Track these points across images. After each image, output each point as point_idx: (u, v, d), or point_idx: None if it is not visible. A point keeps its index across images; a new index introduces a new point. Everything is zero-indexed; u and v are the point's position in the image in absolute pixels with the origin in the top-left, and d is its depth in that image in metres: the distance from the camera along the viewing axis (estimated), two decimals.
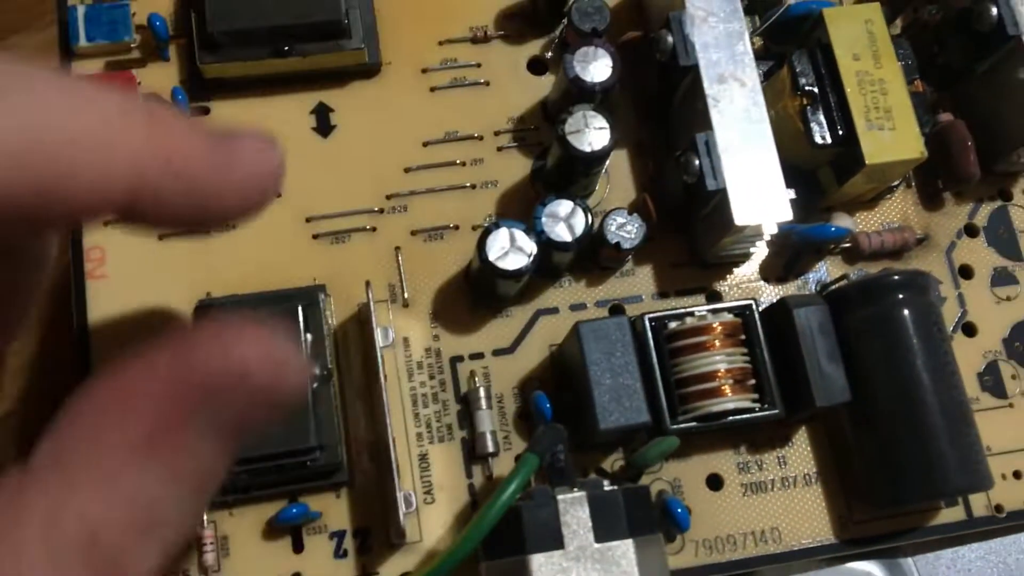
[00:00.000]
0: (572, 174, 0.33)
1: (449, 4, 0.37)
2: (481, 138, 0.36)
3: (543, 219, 0.32)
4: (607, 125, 0.32)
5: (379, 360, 0.31)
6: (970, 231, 0.37)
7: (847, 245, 0.36)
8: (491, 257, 0.31)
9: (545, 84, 0.37)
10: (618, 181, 0.36)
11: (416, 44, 0.36)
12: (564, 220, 0.32)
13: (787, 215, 0.32)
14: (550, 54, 0.37)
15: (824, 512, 0.33)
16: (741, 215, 0.31)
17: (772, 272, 0.36)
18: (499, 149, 0.36)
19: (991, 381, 0.35)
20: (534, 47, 0.37)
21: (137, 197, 0.20)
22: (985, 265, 0.36)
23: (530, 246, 0.31)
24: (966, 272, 0.36)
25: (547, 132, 0.36)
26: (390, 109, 0.36)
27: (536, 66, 0.37)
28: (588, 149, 0.32)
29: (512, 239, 0.31)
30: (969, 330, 0.36)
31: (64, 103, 0.19)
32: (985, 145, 0.36)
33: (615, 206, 0.35)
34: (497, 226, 0.31)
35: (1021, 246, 0.37)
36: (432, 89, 0.36)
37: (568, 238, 0.32)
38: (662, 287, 0.35)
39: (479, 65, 0.37)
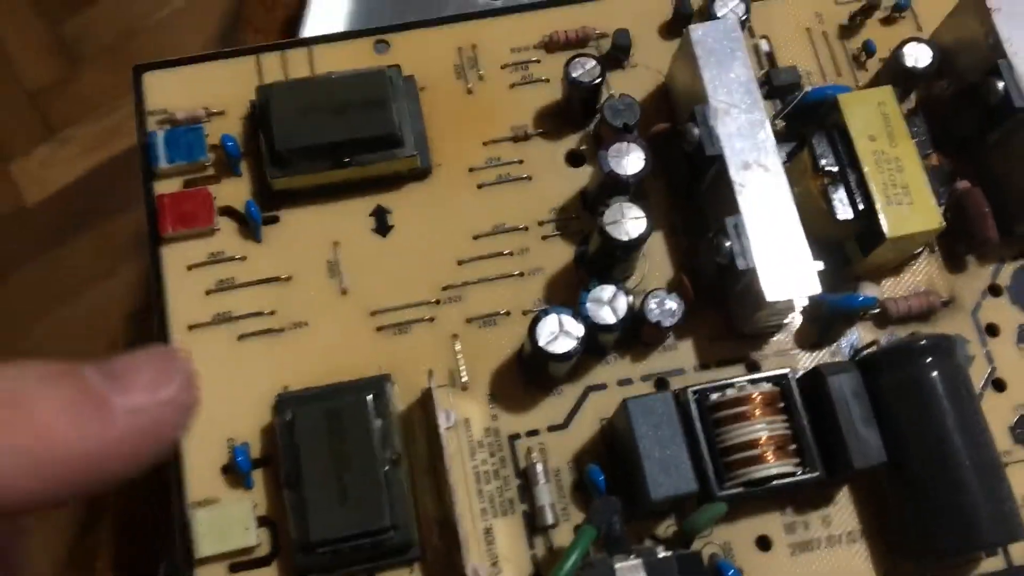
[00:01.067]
0: (612, 259, 0.36)
1: (490, 108, 0.40)
2: (527, 229, 0.39)
3: (588, 304, 0.35)
4: (643, 215, 0.35)
5: (443, 442, 0.34)
6: (994, 291, 0.39)
7: (876, 311, 0.38)
8: (542, 342, 0.34)
9: (583, 175, 0.40)
10: (656, 262, 0.39)
11: (463, 146, 0.40)
12: (607, 303, 0.35)
13: (815, 289, 0.34)
14: (585, 147, 0.40)
15: (870, 568, 0.35)
16: (772, 291, 0.34)
17: (807, 339, 0.38)
18: (543, 238, 0.39)
19: (1023, 433, 0.37)
20: (571, 142, 0.40)
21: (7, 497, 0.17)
22: (1011, 323, 0.38)
23: (577, 330, 0.34)
24: (992, 330, 0.38)
25: (587, 220, 0.39)
26: (442, 207, 0.39)
27: (574, 159, 0.40)
28: (626, 238, 0.35)
29: (560, 324, 0.34)
30: (999, 385, 0.38)
31: None
32: (1003, 208, 0.38)
33: (654, 286, 0.38)
34: (546, 313, 0.34)
35: None
36: (479, 186, 0.39)
37: (612, 320, 0.35)
38: (703, 359, 0.37)
39: (521, 161, 0.40)
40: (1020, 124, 0.37)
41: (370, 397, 0.34)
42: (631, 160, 0.36)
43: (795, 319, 0.38)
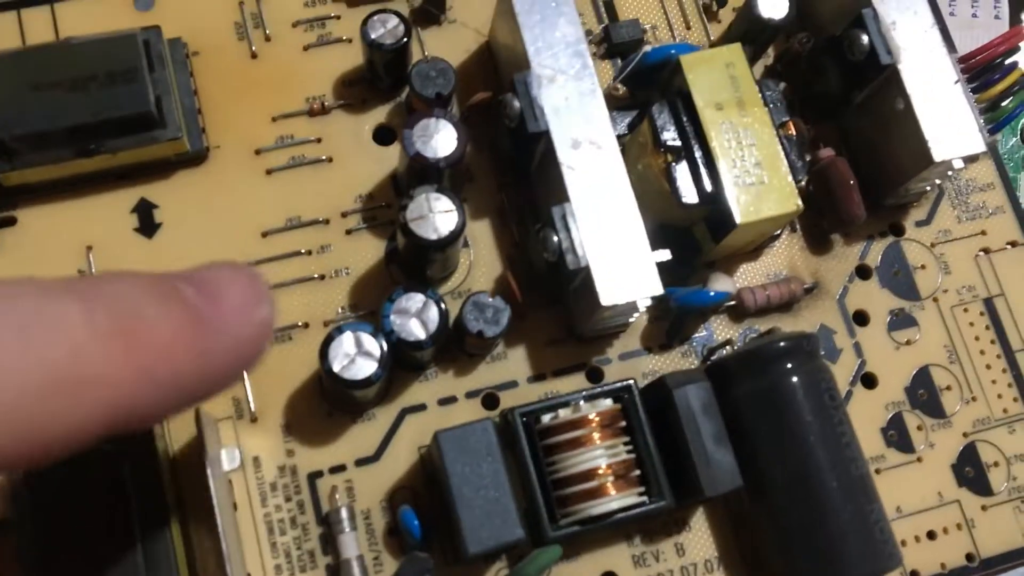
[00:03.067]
0: (425, 259, 0.30)
1: (280, 75, 0.34)
2: (327, 222, 0.33)
3: (392, 317, 0.29)
4: (453, 207, 0.29)
5: (213, 494, 0.27)
6: (862, 273, 0.35)
7: (732, 303, 0.33)
8: (336, 367, 0.28)
9: (394, 154, 0.33)
10: (482, 255, 0.33)
11: (247, 123, 0.33)
12: (416, 316, 0.29)
13: (657, 289, 0.29)
14: (396, 121, 0.34)
15: None
16: (608, 294, 0.29)
17: (655, 340, 0.33)
18: (348, 232, 0.33)
19: (896, 435, 0.33)
20: (379, 115, 0.34)
21: (124, 419, 0.18)
22: (881, 309, 0.34)
23: (378, 349, 0.28)
24: (861, 318, 0.34)
25: (399, 209, 0.33)
26: (222, 198, 0.32)
27: (383, 135, 0.34)
28: (435, 236, 0.29)
29: (358, 344, 0.28)
30: (869, 381, 0.33)
31: (16, 345, 0.16)
32: (872, 178, 0.34)
33: (480, 285, 0.32)
34: (339, 331, 0.28)
35: (917, 285, 0.35)
36: (268, 171, 0.33)
37: (422, 335, 0.29)
38: (538, 368, 0.32)
39: (319, 140, 0.33)
40: (887, 83, 0.32)
41: (127, 444, 0.27)
42: (442, 140, 0.30)
43: (641, 317, 0.33)
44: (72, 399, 0.17)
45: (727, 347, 0.33)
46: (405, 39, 0.32)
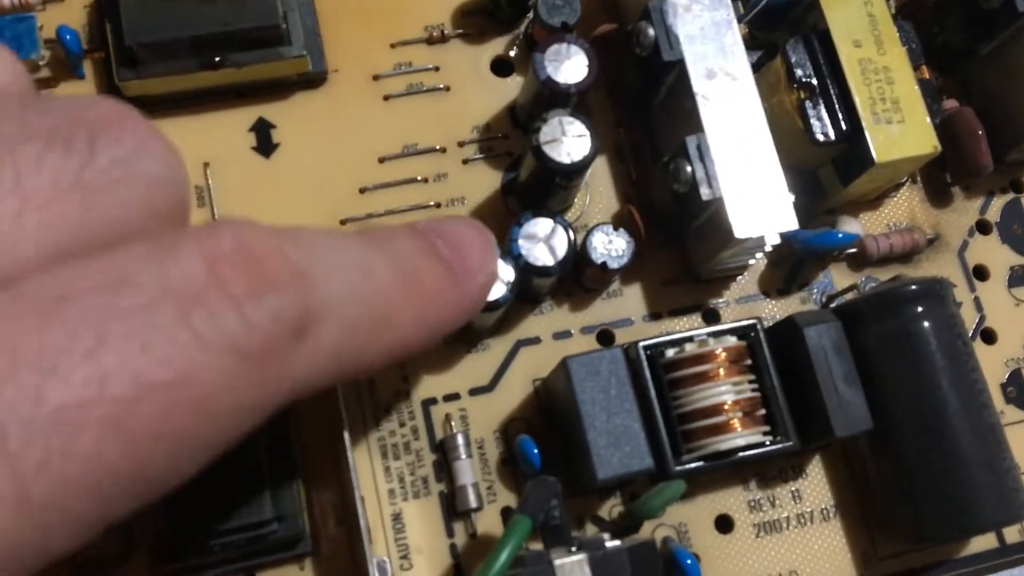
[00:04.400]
0: (549, 187, 0.30)
1: (399, 1, 0.33)
2: (444, 150, 0.32)
3: (520, 241, 0.28)
4: (587, 132, 0.28)
5: (342, 410, 0.27)
6: (982, 228, 0.34)
7: (853, 251, 0.32)
8: None
9: (512, 86, 0.33)
10: (599, 191, 0.32)
11: (365, 48, 0.32)
12: (544, 241, 0.28)
13: (792, 224, 0.28)
14: (515, 52, 0.33)
15: (846, 549, 0.30)
16: (741, 227, 0.28)
17: (772, 284, 0.32)
18: (464, 162, 0.32)
19: (1015, 392, 0.32)
20: (498, 46, 0.33)
21: (397, 359, 0.21)
22: (1001, 265, 0.33)
23: (508, 273, 0.28)
24: (981, 273, 0.33)
25: (517, 140, 0.32)
26: (340, 122, 0.32)
27: (501, 67, 0.33)
28: (568, 160, 0.28)
29: None
30: (988, 337, 0.33)
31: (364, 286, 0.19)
32: (994, 133, 0.33)
33: (597, 220, 0.32)
34: None
35: None
36: (386, 98, 0.32)
37: (550, 262, 0.28)
38: (653, 308, 0.31)
39: (437, 68, 0.33)
40: (1021, 32, 0.32)
41: None
42: (573, 66, 0.30)
43: (759, 261, 0.32)
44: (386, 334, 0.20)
45: (849, 294, 0.32)
46: None
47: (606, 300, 0.31)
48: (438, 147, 0.32)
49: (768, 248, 0.30)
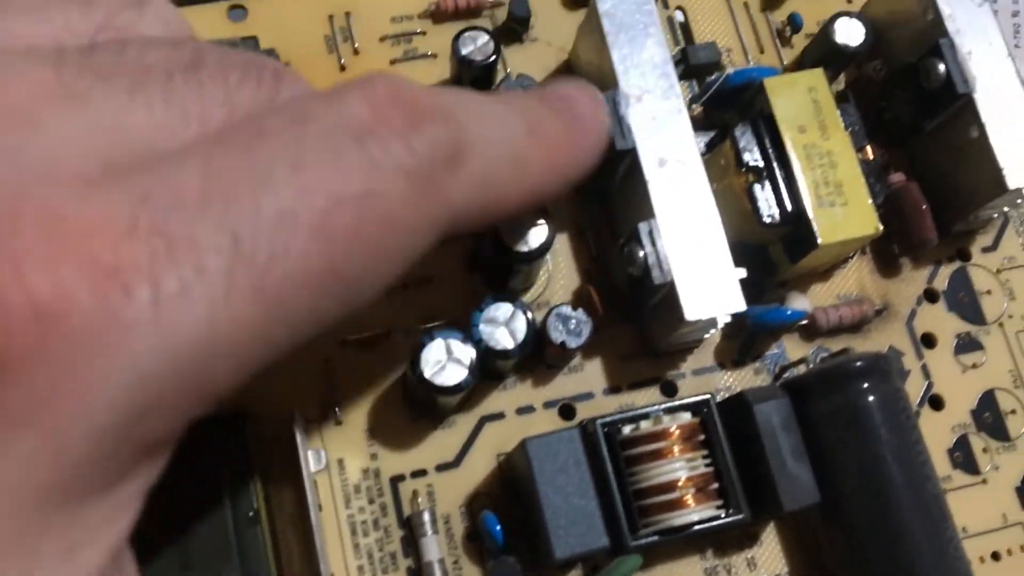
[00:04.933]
0: (510, 270, 0.31)
1: None
2: None
3: (481, 326, 0.30)
4: (544, 221, 0.30)
5: (308, 493, 0.28)
6: (930, 296, 0.35)
7: (805, 323, 0.34)
8: (427, 373, 0.29)
9: None
10: (561, 269, 0.34)
11: None
12: (504, 325, 0.30)
13: (740, 306, 0.30)
14: None
15: None
16: (691, 309, 0.29)
17: (728, 356, 0.34)
18: None
19: (962, 457, 0.33)
20: None
21: (536, 201, 0.26)
22: (948, 332, 0.35)
23: (469, 356, 0.29)
24: (929, 341, 0.35)
25: None
26: None
27: None
28: (525, 248, 0.30)
29: (448, 350, 0.29)
30: (936, 403, 0.34)
31: (502, 132, 0.23)
32: (941, 205, 0.35)
33: (558, 299, 0.33)
34: (431, 337, 0.29)
35: (983, 309, 0.35)
36: None
37: (510, 344, 0.30)
38: (613, 382, 0.33)
39: None
40: (963, 111, 0.33)
41: (220, 446, 0.28)
42: None
43: (715, 334, 0.33)
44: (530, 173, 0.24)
45: (800, 365, 0.33)
46: (494, 56, 0.33)
47: (567, 375, 0.33)
48: None
49: (721, 326, 0.31)
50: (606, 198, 0.34)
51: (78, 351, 0.15)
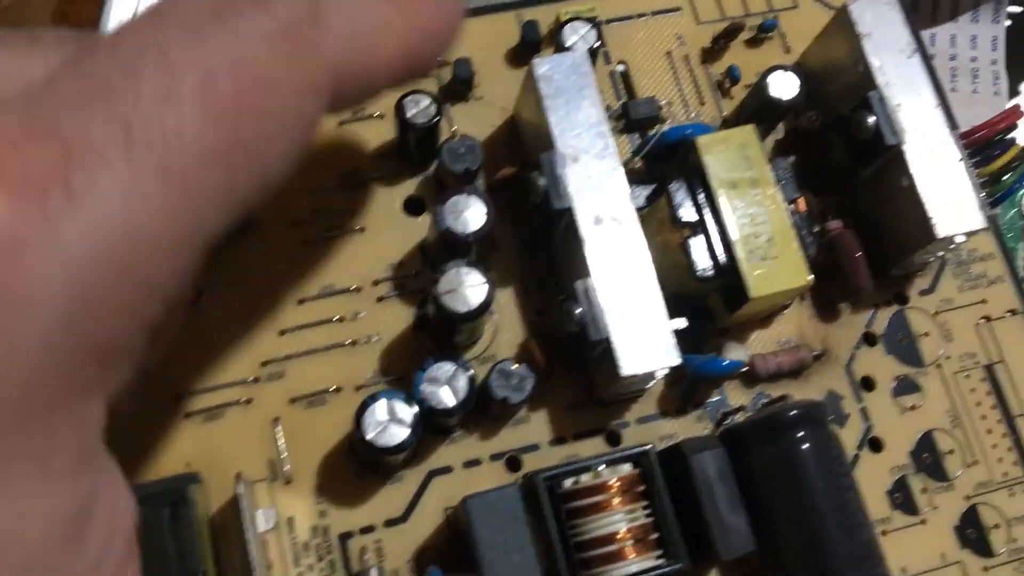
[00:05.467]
0: (453, 328, 0.32)
1: (317, 150, 0.35)
2: (359, 290, 0.34)
3: (423, 386, 0.30)
4: (483, 280, 0.31)
5: (250, 553, 0.29)
6: (869, 340, 0.36)
7: (745, 369, 0.35)
8: (369, 434, 0.29)
9: (423, 224, 0.35)
10: (506, 320, 0.35)
11: (284, 196, 0.35)
12: (446, 383, 0.30)
13: (674, 361, 0.30)
14: (426, 192, 0.36)
15: None
16: (628, 364, 0.30)
17: (671, 404, 0.34)
18: (379, 300, 0.34)
19: (901, 498, 0.34)
20: (410, 187, 0.36)
21: (408, 71, 0.25)
22: (887, 375, 0.36)
23: (411, 416, 0.30)
24: (868, 384, 0.36)
25: (428, 277, 0.34)
26: (261, 269, 0.34)
27: (413, 206, 0.36)
28: (464, 309, 0.30)
29: (391, 411, 0.30)
30: (876, 445, 0.35)
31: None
32: (878, 250, 0.36)
33: (504, 352, 0.34)
34: (373, 399, 0.30)
35: (921, 352, 0.36)
36: (304, 242, 0.34)
37: (452, 403, 0.30)
38: (559, 432, 0.34)
39: (353, 212, 0.35)
40: (893, 162, 0.34)
41: (167, 511, 0.29)
42: (472, 215, 0.32)
43: (658, 383, 0.34)
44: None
45: (740, 413, 0.34)
46: (437, 118, 0.34)
47: (513, 427, 0.33)
48: (353, 287, 0.34)
49: (659, 378, 0.32)
50: (550, 250, 0.35)
51: (7, 258, 0.16)
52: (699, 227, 0.32)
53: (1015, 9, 0.50)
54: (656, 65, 0.38)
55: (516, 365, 0.32)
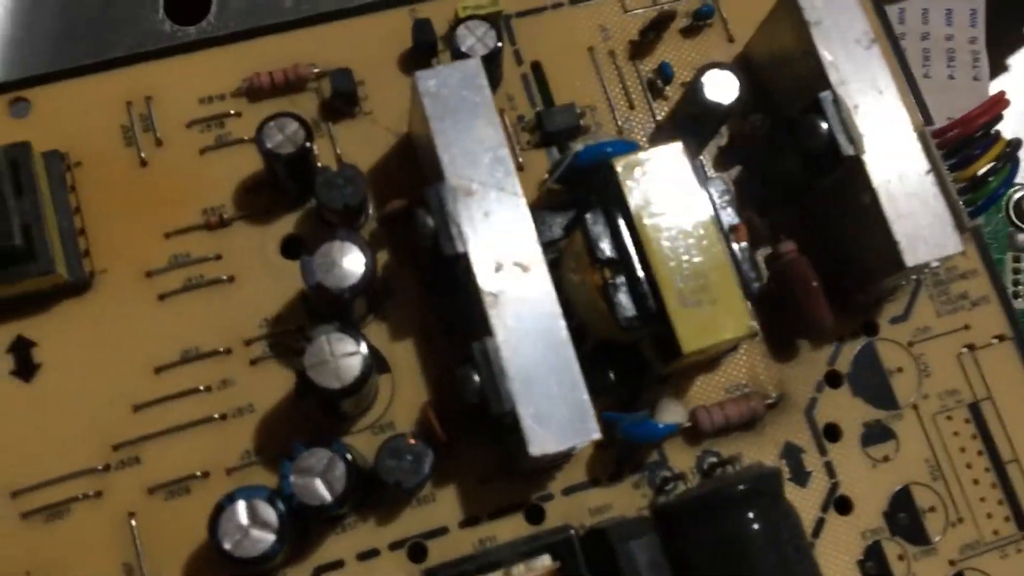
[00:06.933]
0: (334, 403, 0.27)
1: (174, 184, 0.30)
2: (229, 351, 0.29)
3: (291, 478, 0.25)
4: (356, 349, 0.26)
5: None
6: (832, 381, 0.31)
7: (688, 424, 0.29)
8: (226, 546, 0.24)
9: None
10: (405, 379, 0.29)
11: (135, 241, 0.29)
12: (320, 475, 0.25)
13: (593, 435, 0.25)
14: (305, 230, 0.30)
15: None
16: (537, 443, 0.25)
17: (603, 469, 0.29)
18: (252, 363, 0.29)
19: (875, 567, 0.29)
20: (287, 224, 0.30)
21: None
22: (854, 421, 0.31)
23: (275, 520, 0.25)
24: (832, 433, 0.30)
25: (311, 332, 0.29)
26: (109, 331, 0.29)
27: (292, 247, 0.30)
28: (337, 385, 0.25)
29: (252, 514, 0.25)
30: (843, 506, 0.30)
31: None
32: (838, 274, 0.30)
33: (401, 416, 0.29)
34: (230, 500, 0.25)
35: (894, 391, 0.31)
36: (161, 296, 0.29)
37: (327, 498, 0.25)
38: (471, 511, 0.29)
39: (219, 257, 0.30)
40: (851, 174, 0.29)
41: None
42: (349, 264, 0.27)
43: (586, 445, 0.29)
44: None
45: (682, 481, 0.29)
46: (307, 143, 0.28)
47: (417, 508, 0.28)
48: (222, 348, 0.29)
49: (582, 447, 0.27)
50: (452, 294, 0.29)
51: None
52: (621, 266, 0.27)
53: None
54: (576, 64, 0.33)
55: (412, 441, 0.27)
